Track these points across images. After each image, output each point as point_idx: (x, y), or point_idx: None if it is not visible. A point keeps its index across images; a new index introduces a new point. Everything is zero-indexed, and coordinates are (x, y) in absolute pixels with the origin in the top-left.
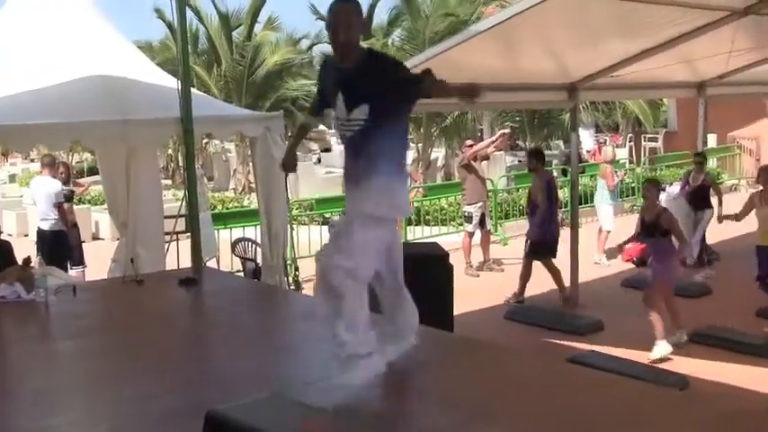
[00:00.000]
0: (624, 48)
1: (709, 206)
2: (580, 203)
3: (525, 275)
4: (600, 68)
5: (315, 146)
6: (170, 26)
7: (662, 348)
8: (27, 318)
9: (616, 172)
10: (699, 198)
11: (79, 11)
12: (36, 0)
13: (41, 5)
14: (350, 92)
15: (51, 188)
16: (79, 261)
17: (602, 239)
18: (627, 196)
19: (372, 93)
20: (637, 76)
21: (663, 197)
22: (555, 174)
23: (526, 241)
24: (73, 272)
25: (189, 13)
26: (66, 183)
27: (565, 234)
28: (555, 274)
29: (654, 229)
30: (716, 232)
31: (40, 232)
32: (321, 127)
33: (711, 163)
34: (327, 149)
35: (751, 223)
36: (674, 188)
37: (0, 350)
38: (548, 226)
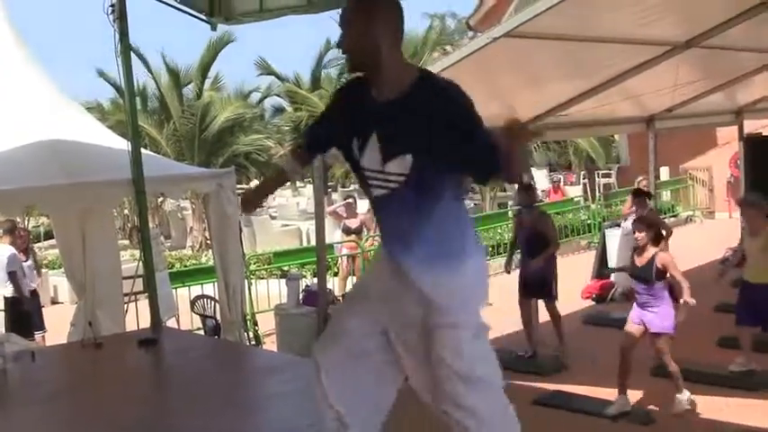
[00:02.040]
0: (570, 87)
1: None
2: None
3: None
4: (547, 108)
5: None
6: (116, 87)
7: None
8: None
9: None
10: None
11: (27, 77)
12: None
13: None
14: (388, 134)
15: (3, 256)
16: (39, 326)
17: None
18: (582, 233)
19: (419, 143)
20: (585, 114)
21: (617, 232)
22: (510, 215)
23: (522, 283)
24: (37, 336)
25: (138, 68)
26: (24, 251)
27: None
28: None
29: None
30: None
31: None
32: None
33: (665, 196)
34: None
35: (702, 255)
36: (629, 223)
37: None
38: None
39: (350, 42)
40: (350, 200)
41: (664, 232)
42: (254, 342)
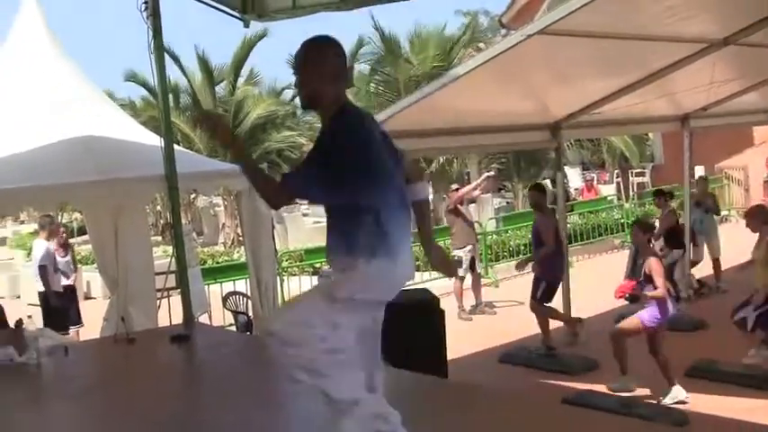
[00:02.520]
0: (605, 85)
1: (680, 246)
2: (570, 242)
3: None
4: (582, 106)
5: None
6: (146, 86)
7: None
8: (19, 380)
9: None
10: (669, 237)
11: (62, 73)
12: (17, 64)
13: (23, 70)
14: None
15: (37, 251)
16: (76, 320)
17: None
18: (616, 232)
19: None
20: (620, 112)
21: None
22: None
23: (539, 283)
24: (72, 330)
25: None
26: (63, 246)
27: None
28: (545, 319)
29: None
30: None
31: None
32: None
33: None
34: None
35: (738, 254)
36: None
37: None
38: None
39: (298, 86)
40: None
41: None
42: None
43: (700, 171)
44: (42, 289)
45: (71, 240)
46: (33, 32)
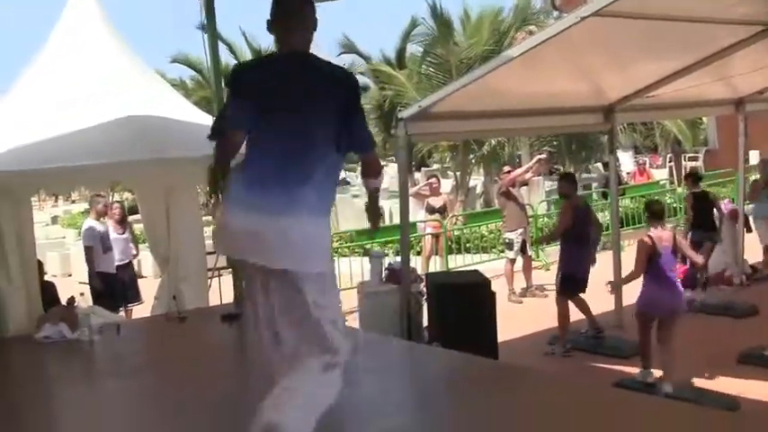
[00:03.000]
0: (659, 67)
1: (704, 229)
2: (622, 226)
3: (566, 318)
4: (636, 89)
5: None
6: (194, 67)
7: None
8: (72, 357)
9: None
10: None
11: (113, 53)
12: (71, 45)
13: (77, 50)
14: None
15: (86, 231)
16: (135, 297)
17: None
18: (668, 217)
19: None
20: (674, 96)
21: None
22: (595, 197)
23: (560, 276)
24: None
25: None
26: (120, 222)
27: (606, 258)
28: (583, 307)
29: None
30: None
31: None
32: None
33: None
34: None
35: None
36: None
37: (46, 390)
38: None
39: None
40: (433, 179)
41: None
42: None
43: (754, 156)
44: (97, 270)
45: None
46: (86, 12)
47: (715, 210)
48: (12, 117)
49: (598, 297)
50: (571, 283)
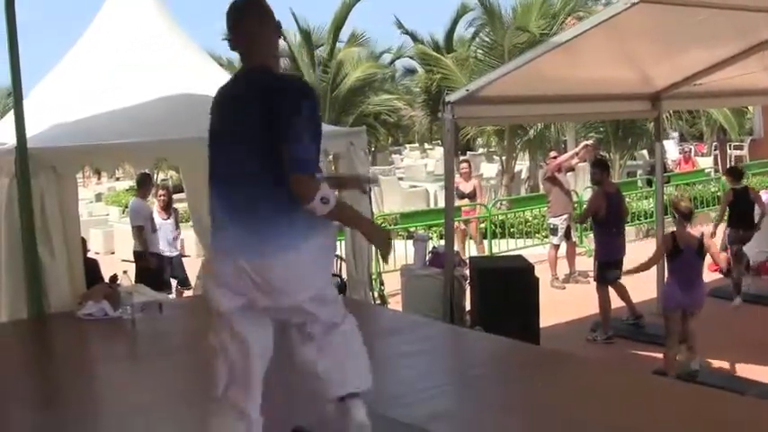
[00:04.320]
0: (707, 55)
1: (736, 226)
2: (666, 214)
3: (607, 305)
4: (683, 77)
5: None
6: None
7: None
8: (114, 335)
9: None
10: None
11: (162, 30)
12: (119, 21)
13: (126, 25)
14: None
15: (133, 210)
16: (182, 282)
17: None
18: (712, 205)
19: None
20: (721, 84)
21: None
22: (639, 184)
23: (597, 264)
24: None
25: None
26: (164, 208)
27: (650, 245)
28: (623, 294)
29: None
30: None
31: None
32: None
33: None
34: None
35: None
36: (762, 196)
37: (89, 367)
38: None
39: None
40: (464, 165)
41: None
42: (379, 302)
43: None
44: (140, 249)
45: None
46: None
47: (756, 205)
48: (57, 93)
49: (639, 285)
50: (607, 269)
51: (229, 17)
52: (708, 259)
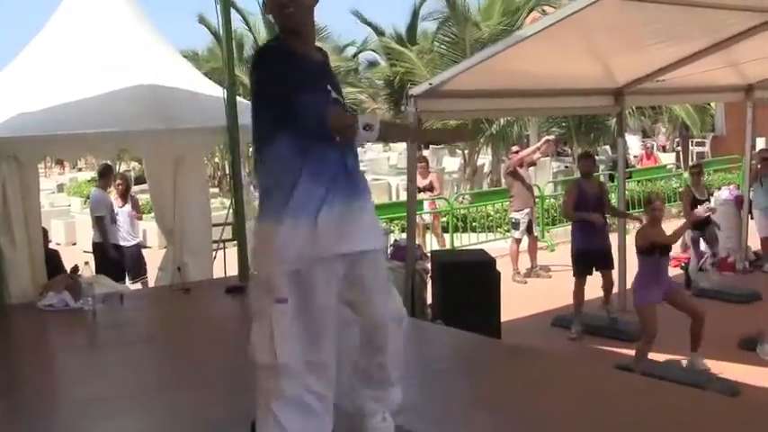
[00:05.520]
0: (670, 52)
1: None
2: (628, 209)
3: (578, 295)
4: (646, 73)
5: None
6: (215, 34)
7: None
8: (75, 326)
9: None
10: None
11: (127, 21)
12: (84, 11)
13: (89, 16)
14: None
15: (94, 201)
16: (136, 273)
17: None
18: (673, 201)
19: None
20: (684, 81)
21: (711, 202)
22: (602, 179)
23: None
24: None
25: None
26: (123, 195)
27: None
28: (607, 286)
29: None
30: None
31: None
32: None
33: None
34: None
35: None
36: (723, 193)
37: (48, 358)
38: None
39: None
40: (422, 164)
41: None
42: None
43: (761, 143)
44: (99, 240)
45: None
46: None
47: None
48: (20, 83)
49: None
50: (582, 259)
51: None
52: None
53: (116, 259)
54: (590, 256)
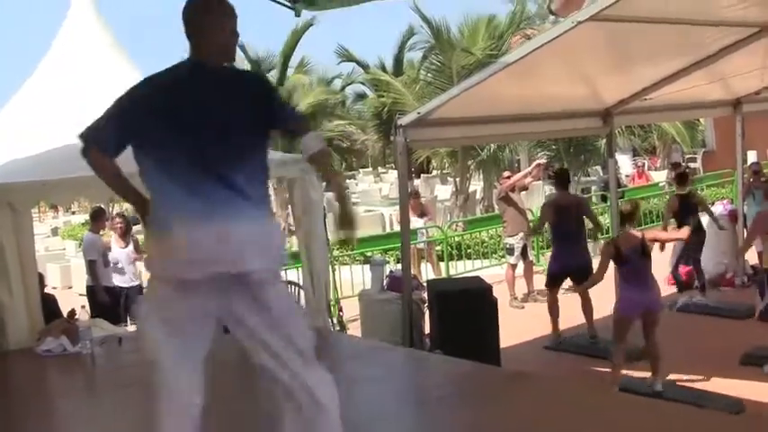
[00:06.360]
0: (657, 70)
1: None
2: None
3: (551, 311)
4: (633, 92)
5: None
6: None
7: None
8: (73, 370)
9: None
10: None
11: (115, 63)
12: (75, 55)
13: (80, 60)
14: None
15: (86, 244)
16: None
17: None
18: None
19: None
20: (671, 98)
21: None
22: (594, 200)
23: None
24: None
25: None
26: (123, 236)
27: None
28: (586, 308)
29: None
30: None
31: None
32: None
33: None
34: None
35: None
36: (717, 208)
37: (47, 403)
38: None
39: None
40: (415, 201)
41: None
42: (338, 328)
43: (752, 156)
44: (91, 284)
45: None
46: (86, 21)
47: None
48: (12, 128)
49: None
50: (553, 277)
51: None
52: (665, 271)
53: (107, 303)
54: (566, 274)
